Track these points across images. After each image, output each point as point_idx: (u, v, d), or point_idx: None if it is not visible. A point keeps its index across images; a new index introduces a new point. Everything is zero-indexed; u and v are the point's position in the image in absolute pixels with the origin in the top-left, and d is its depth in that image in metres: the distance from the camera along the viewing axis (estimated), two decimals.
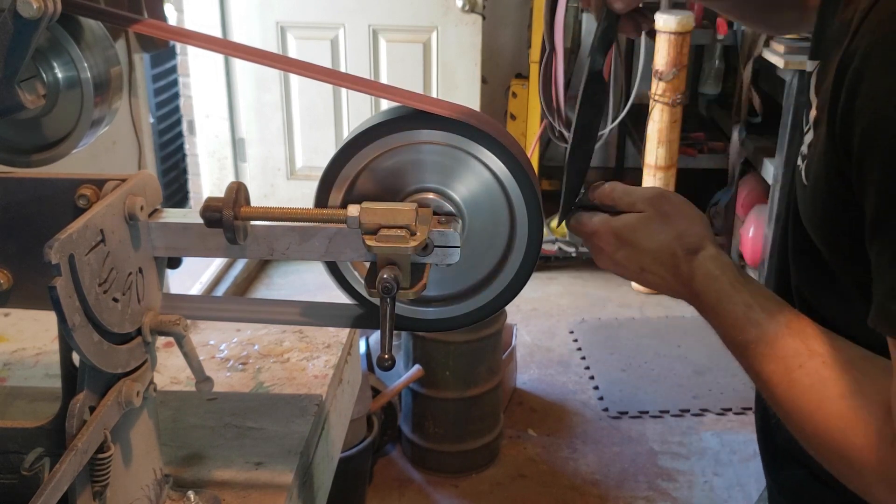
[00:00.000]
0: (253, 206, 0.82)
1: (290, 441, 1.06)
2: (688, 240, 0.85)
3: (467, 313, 0.93)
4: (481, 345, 2.62)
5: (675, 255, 0.85)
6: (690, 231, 0.85)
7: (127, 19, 0.85)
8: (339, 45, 3.81)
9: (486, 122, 0.85)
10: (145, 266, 0.85)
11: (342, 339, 1.33)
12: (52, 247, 0.69)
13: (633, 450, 2.83)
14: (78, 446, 0.74)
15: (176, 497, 0.94)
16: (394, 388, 2.59)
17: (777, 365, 0.75)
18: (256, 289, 3.90)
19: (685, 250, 0.84)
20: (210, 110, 3.96)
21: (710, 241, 0.85)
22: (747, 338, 0.78)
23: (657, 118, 3.57)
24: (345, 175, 0.86)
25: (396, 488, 2.67)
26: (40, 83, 0.82)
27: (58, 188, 0.82)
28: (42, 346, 1.29)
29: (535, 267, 0.91)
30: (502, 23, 4.27)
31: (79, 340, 0.73)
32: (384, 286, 0.81)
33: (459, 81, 3.81)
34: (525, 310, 3.58)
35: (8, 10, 0.72)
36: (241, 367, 1.27)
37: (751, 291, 0.80)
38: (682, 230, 0.85)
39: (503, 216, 0.89)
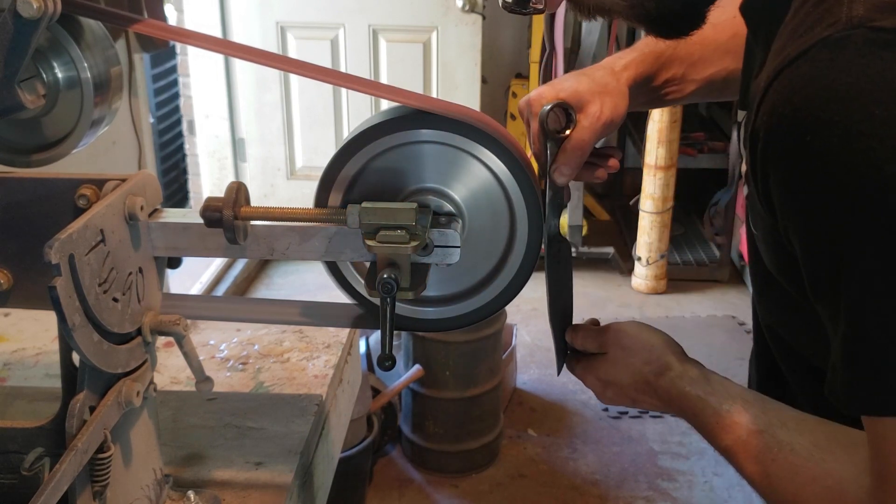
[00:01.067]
0: (253, 206, 0.82)
1: (290, 441, 1.06)
2: (653, 365, 0.89)
3: (467, 313, 0.93)
4: (481, 345, 2.62)
5: (648, 383, 0.89)
6: (652, 356, 0.89)
7: (127, 19, 0.85)
8: (339, 45, 3.81)
9: (486, 122, 0.85)
10: (145, 266, 0.85)
11: (342, 339, 1.33)
12: (52, 247, 0.69)
13: (633, 450, 2.83)
14: (78, 446, 0.74)
15: (176, 497, 0.94)
16: (394, 388, 2.59)
17: (753, 465, 0.78)
18: (256, 289, 3.90)
19: (654, 375, 0.88)
20: (210, 110, 3.96)
21: (675, 360, 0.88)
22: (725, 444, 0.81)
23: (657, 118, 3.57)
24: (345, 175, 0.86)
25: (396, 488, 2.67)
26: (40, 83, 0.82)
27: (58, 188, 0.82)
28: (42, 346, 1.29)
29: (535, 267, 0.91)
30: (502, 23, 4.26)
31: (79, 340, 0.73)
32: (384, 286, 0.81)
33: (459, 81, 3.81)
34: (525, 310, 3.58)
35: (8, 10, 0.72)
36: (241, 367, 1.27)
37: (718, 399, 0.82)
38: (646, 358, 0.89)
39: (503, 216, 0.89)
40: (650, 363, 0.89)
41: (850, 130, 0.56)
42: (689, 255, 4.04)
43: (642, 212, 3.80)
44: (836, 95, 0.56)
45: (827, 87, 0.57)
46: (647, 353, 0.89)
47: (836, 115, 0.56)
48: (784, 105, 0.60)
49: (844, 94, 0.56)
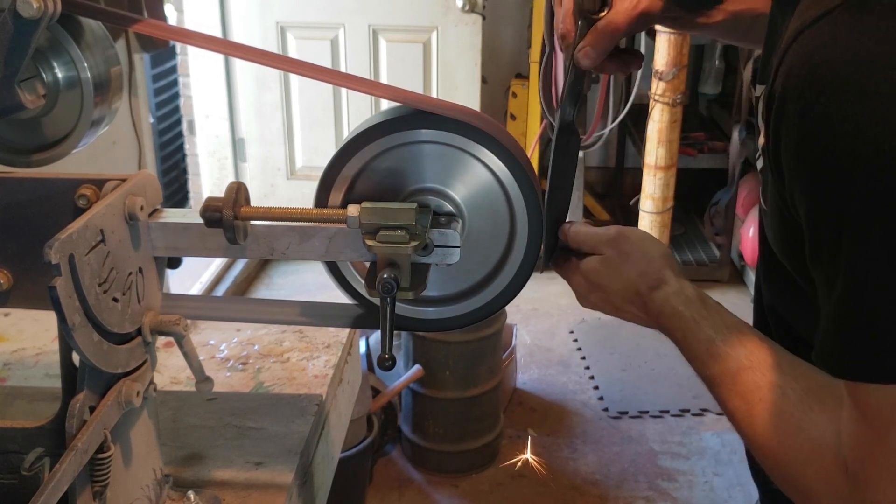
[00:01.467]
0: (253, 206, 0.82)
1: (290, 441, 1.06)
2: (649, 277, 0.86)
3: (467, 313, 0.93)
4: (481, 345, 2.62)
5: (640, 294, 0.86)
6: (651, 268, 0.86)
7: (127, 19, 0.86)
8: (339, 45, 3.80)
9: (486, 122, 0.85)
10: (145, 266, 0.85)
11: (342, 339, 1.33)
12: (52, 247, 0.69)
13: (633, 450, 2.83)
14: (78, 446, 0.74)
15: (176, 497, 0.94)
16: (394, 388, 2.59)
17: (739, 400, 0.75)
18: (256, 289, 3.90)
19: (648, 287, 0.86)
20: (210, 110, 3.96)
21: (673, 275, 0.85)
22: (711, 373, 0.79)
23: (657, 118, 3.57)
24: (345, 175, 0.86)
25: (396, 488, 2.67)
26: (40, 83, 0.82)
27: (58, 188, 0.82)
28: (42, 346, 1.29)
29: (535, 267, 0.91)
30: (502, 23, 4.26)
31: (79, 340, 0.73)
32: (384, 286, 0.81)
33: (459, 81, 3.81)
34: (525, 310, 3.58)
35: (8, 10, 0.72)
36: (241, 367, 1.27)
37: (713, 324, 0.80)
38: (643, 268, 0.86)
39: (503, 216, 0.89)
40: (646, 274, 0.86)
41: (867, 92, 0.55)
42: (689, 255, 4.04)
43: (642, 212, 3.79)
44: (855, 58, 0.56)
45: (847, 48, 0.56)
46: (644, 264, 0.86)
47: (854, 76, 0.56)
48: (802, 65, 0.59)
49: (865, 57, 0.55)
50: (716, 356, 0.78)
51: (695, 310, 0.82)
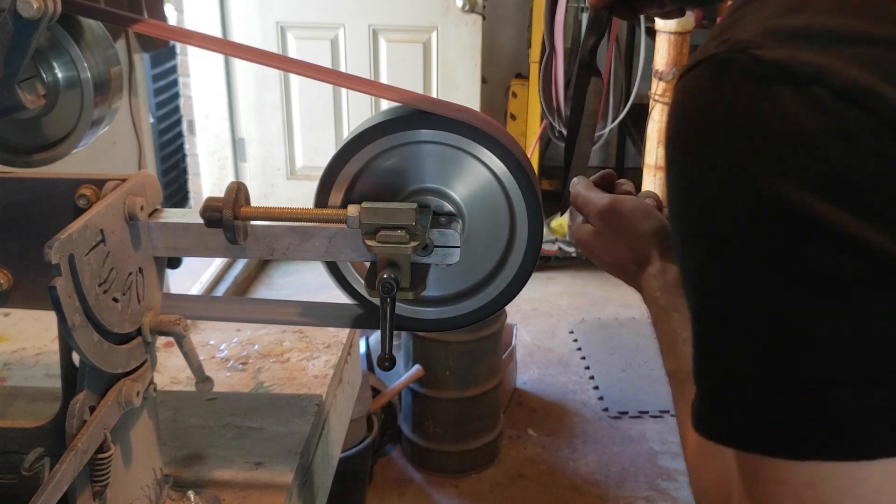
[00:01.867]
0: (253, 206, 0.82)
1: (290, 441, 1.06)
2: (635, 254, 0.84)
3: (467, 313, 0.93)
4: (481, 345, 2.62)
5: (627, 271, 0.86)
6: (637, 245, 0.84)
7: (127, 19, 0.86)
8: (339, 45, 3.81)
9: (486, 122, 0.85)
10: (145, 266, 0.85)
11: (342, 339, 1.33)
12: (52, 247, 0.69)
13: (634, 450, 2.83)
14: (78, 446, 0.74)
15: (176, 497, 0.94)
16: (394, 388, 2.59)
17: (683, 406, 0.73)
18: (256, 289, 3.90)
19: (635, 264, 0.84)
20: (210, 110, 3.96)
21: (658, 255, 0.83)
22: (668, 368, 0.77)
23: (657, 118, 3.57)
24: (345, 175, 0.86)
25: (396, 488, 2.67)
26: (40, 83, 0.82)
27: (58, 188, 0.82)
28: (42, 346, 1.29)
29: (535, 267, 0.91)
30: (502, 23, 4.27)
31: (79, 340, 0.73)
32: (384, 286, 0.81)
33: (459, 81, 3.81)
34: (525, 310, 3.58)
35: (8, 10, 0.72)
36: (241, 367, 1.27)
37: (682, 319, 0.78)
38: (631, 245, 0.85)
39: (503, 216, 0.89)
40: (633, 251, 0.84)
41: (712, 160, 0.53)
42: None
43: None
44: (706, 122, 0.54)
45: (701, 110, 0.54)
46: (633, 240, 0.85)
47: (702, 141, 0.54)
48: (671, 115, 0.58)
49: (714, 123, 0.53)
50: (675, 354, 0.77)
51: (669, 298, 0.80)
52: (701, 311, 0.57)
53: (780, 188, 0.49)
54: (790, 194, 0.49)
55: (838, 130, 0.48)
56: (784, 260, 0.50)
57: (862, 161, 0.47)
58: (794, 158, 0.49)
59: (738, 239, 0.52)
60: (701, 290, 0.56)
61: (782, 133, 0.49)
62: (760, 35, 0.52)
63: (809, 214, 0.48)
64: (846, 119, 0.47)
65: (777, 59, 0.50)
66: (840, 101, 0.48)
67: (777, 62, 0.50)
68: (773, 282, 0.51)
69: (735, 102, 0.52)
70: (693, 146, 0.55)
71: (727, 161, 0.52)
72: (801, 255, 0.49)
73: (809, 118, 0.48)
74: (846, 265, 0.48)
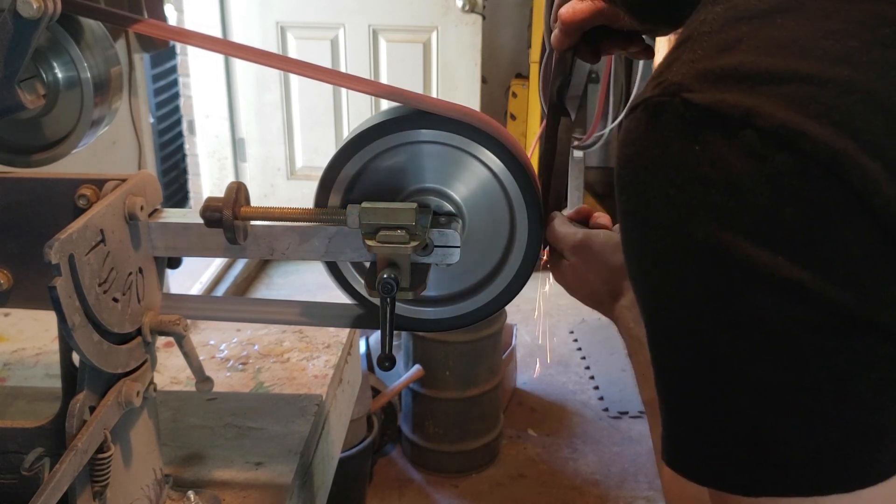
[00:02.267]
0: (253, 206, 0.82)
1: (290, 441, 1.06)
2: (609, 287, 0.85)
3: (467, 313, 0.93)
4: (481, 345, 2.62)
5: (602, 303, 0.86)
6: (610, 278, 0.85)
7: (127, 19, 0.86)
8: (339, 45, 3.81)
9: (486, 122, 0.85)
10: (145, 266, 0.85)
11: (342, 339, 1.33)
12: (52, 247, 0.69)
13: (634, 450, 2.83)
14: (78, 446, 0.74)
15: (176, 497, 0.94)
16: (394, 388, 2.59)
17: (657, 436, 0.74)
18: (256, 289, 3.90)
19: (610, 297, 0.85)
20: (210, 110, 3.96)
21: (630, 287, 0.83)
22: (643, 397, 0.78)
23: None
24: (345, 175, 0.86)
25: (396, 488, 2.67)
26: (40, 83, 0.82)
27: (58, 188, 0.82)
28: (42, 346, 1.29)
29: (535, 267, 0.91)
30: (502, 23, 4.27)
31: (79, 340, 0.73)
32: (384, 286, 0.81)
33: (459, 81, 3.81)
34: (525, 310, 3.58)
35: (8, 10, 0.72)
36: (241, 367, 1.27)
37: None
38: (604, 277, 0.86)
39: (503, 216, 0.89)
40: (607, 283, 0.85)
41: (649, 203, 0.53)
42: None
43: None
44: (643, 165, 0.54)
45: (639, 154, 0.54)
46: (606, 273, 0.85)
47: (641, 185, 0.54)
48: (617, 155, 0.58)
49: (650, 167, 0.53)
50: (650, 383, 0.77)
51: (641, 329, 0.79)
52: (652, 348, 0.57)
53: (715, 234, 0.49)
54: (724, 240, 0.48)
55: (768, 175, 0.47)
56: (721, 305, 0.50)
57: (793, 204, 0.47)
58: (726, 204, 0.48)
59: (675, 283, 0.52)
60: (649, 328, 0.57)
61: (714, 178, 0.49)
62: (691, 78, 0.51)
63: (744, 260, 0.48)
64: (776, 163, 0.47)
65: (706, 102, 0.49)
66: (768, 145, 0.47)
67: (706, 106, 0.49)
68: (711, 326, 0.51)
69: (669, 147, 0.51)
70: (632, 189, 0.55)
71: (662, 206, 0.52)
72: (738, 301, 0.49)
73: (739, 163, 0.48)
74: (783, 309, 0.48)
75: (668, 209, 0.51)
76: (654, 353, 0.57)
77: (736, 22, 0.52)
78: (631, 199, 0.55)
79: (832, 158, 0.45)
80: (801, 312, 0.47)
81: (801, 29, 0.50)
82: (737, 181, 0.48)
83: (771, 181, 0.47)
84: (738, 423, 0.51)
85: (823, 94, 0.47)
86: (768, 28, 0.50)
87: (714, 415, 0.53)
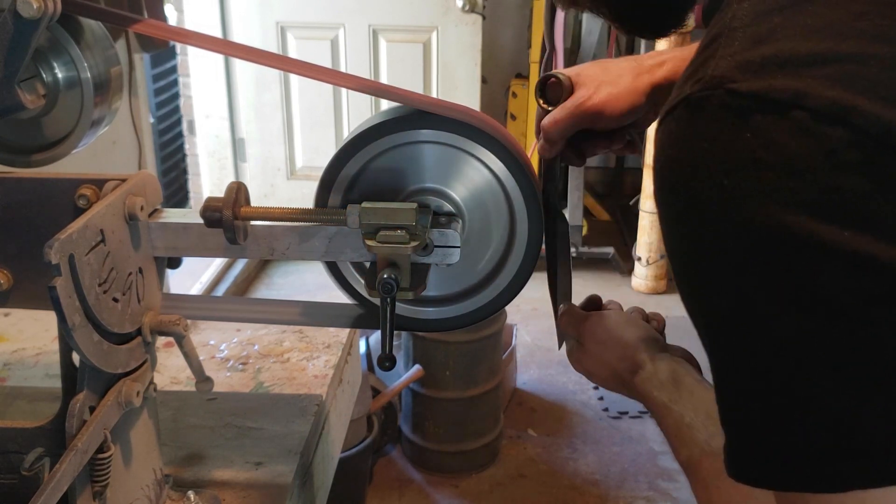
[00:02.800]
0: (253, 206, 0.82)
1: (290, 441, 1.06)
2: (627, 363, 0.86)
3: (467, 313, 0.93)
4: (481, 345, 2.62)
5: (623, 380, 0.87)
6: (626, 354, 0.86)
7: (127, 19, 0.85)
8: (339, 45, 3.81)
9: (486, 122, 0.85)
10: (145, 266, 0.85)
11: (342, 339, 1.33)
12: (52, 247, 0.69)
13: (634, 450, 2.83)
14: (78, 446, 0.74)
15: (176, 497, 0.94)
16: (394, 388, 2.59)
17: (700, 487, 0.74)
18: (256, 289, 3.90)
19: (629, 373, 0.86)
20: (210, 110, 3.96)
21: (648, 358, 0.85)
22: (680, 458, 0.78)
23: None
24: (345, 175, 0.86)
25: (396, 488, 2.67)
26: (40, 83, 0.82)
27: (58, 188, 0.82)
28: (42, 346, 1.29)
29: (535, 267, 0.91)
30: (502, 23, 4.27)
31: (79, 340, 0.73)
32: (384, 286, 0.81)
33: (459, 81, 3.81)
34: (525, 310, 3.58)
35: (8, 10, 0.72)
36: (241, 367, 1.27)
37: (681, 409, 0.79)
38: (620, 354, 0.87)
39: (503, 216, 0.89)
40: (624, 360, 0.86)
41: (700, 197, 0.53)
42: None
43: (642, 212, 3.80)
44: (690, 162, 0.53)
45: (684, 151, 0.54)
46: (620, 350, 0.87)
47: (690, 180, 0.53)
48: (656, 160, 0.58)
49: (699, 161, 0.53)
50: (683, 442, 0.77)
51: (666, 394, 0.81)
52: (716, 356, 0.56)
53: (776, 215, 0.49)
54: (787, 220, 0.48)
55: (825, 151, 0.47)
56: (789, 288, 0.49)
57: (853, 177, 0.47)
58: (785, 184, 0.48)
59: (740, 274, 0.51)
60: (711, 334, 0.56)
61: (769, 161, 0.49)
62: (732, 69, 0.52)
63: (810, 238, 0.48)
64: (830, 139, 0.47)
65: (753, 89, 0.50)
66: (821, 122, 0.47)
67: (753, 93, 0.50)
68: (782, 313, 0.50)
69: (718, 138, 0.51)
70: (681, 189, 0.54)
71: (717, 198, 0.51)
72: (807, 281, 0.48)
73: (794, 142, 0.48)
74: (855, 284, 0.47)
75: (724, 199, 0.51)
76: (717, 357, 0.56)
77: (767, 14, 0.53)
78: (680, 199, 0.55)
79: (886, 130, 0.46)
80: (874, 286, 0.47)
81: (832, 14, 0.51)
82: (794, 161, 0.48)
83: (829, 157, 0.47)
84: (817, 412, 0.50)
85: (867, 71, 0.48)
86: (800, 16, 0.51)
87: (789, 408, 0.51)
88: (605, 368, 0.89)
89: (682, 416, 0.78)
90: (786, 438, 0.52)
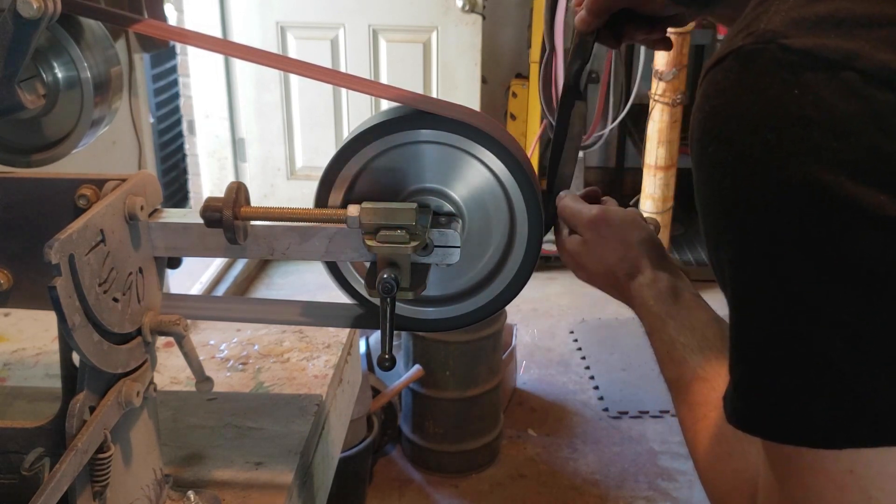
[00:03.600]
0: (253, 206, 0.82)
1: (290, 441, 1.06)
2: (626, 264, 0.84)
3: (467, 313, 0.93)
4: (481, 345, 2.62)
5: (618, 280, 0.85)
6: (628, 255, 0.84)
7: (127, 19, 0.86)
8: (339, 45, 3.81)
9: (486, 122, 0.86)
10: (145, 266, 0.85)
11: (342, 339, 1.33)
12: (52, 247, 0.69)
13: (634, 450, 2.83)
14: (78, 446, 0.74)
15: (176, 497, 0.94)
16: (394, 388, 2.59)
17: (687, 411, 0.73)
18: (256, 289, 3.90)
19: (625, 274, 0.84)
20: (210, 110, 3.96)
21: (649, 264, 0.83)
22: (668, 376, 0.77)
23: (657, 118, 3.57)
24: (345, 175, 0.86)
25: (396, 488, 2.67)
26: (40, 83, 0.82)
27: (58, 188, 0.82)
28: (42, 346, 1.29)
29: (535, 267, 0.91)
30: (502, 23, 4.26)
31: (79, 340, 0.73)
32: (384, 286, 0.81)
33: (459, 81, 3.81)
34: (525, 310, 3.58)
35: (8, 10, 0.72)
36: (241, 367, 1.27)
37: (679, 325, 0.78)
38: (622, 254, 0.85)
39: (503, 216, 0.89)
40: (624, 260, 0.84)
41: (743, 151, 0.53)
42: (689, 255, 4.04)
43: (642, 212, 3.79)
44: (736, 112, 0.54)
45: (730, 102, 0.54)
46: (623, 250, 0.85)
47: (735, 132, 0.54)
48: (699, 109, 0.58)
49: (744, 113, 0.53)
50: (675, 360, 0.76)
51: (664, 306, 0.80)
52: (737, 302, 0.56)
53: (816, 174, 0.49)
54: (827, 180, 0.49)
55: (871, 113, 0.48)
56: (822, 246, 0.50)
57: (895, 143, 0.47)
58: (828, 143, 0.49)
59: (773, 227, 0.52)
60: (736, 282, 0.56)
61: (816, 119, 0.49)
62: (786, 25, 0.52)
63: (847, 199, 0.48)
64: (878, 102, 0.48)
65: (805, 46, 0.50)
66: (871, 85, 0.48)
67: (806, 50, 0.50)
68: (810, 269, 0.50)
69: (766, 91, 0.52)
70: (726, 137, 0.54)
71: (761, 149, 0.52)
72: (840, 241, 0.49)
73: (842, 103, 0.48)
74: (886, 249, 0.48)
75: (766, 153, 0.51)
76: (737, 302, 0.56)
77: None
78: (721, 148, 0.55)
79: None
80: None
81: None
82: (840, 121, 0.48)
83: (875, 120, 0.48)
84: (830, 370, 0.50)
85: None
86: None
87: (801, 362, 0.52)
88: (600, 265, 0.87)
89: (676, 332, 0.77)
90: (792, 392, 0.52)
